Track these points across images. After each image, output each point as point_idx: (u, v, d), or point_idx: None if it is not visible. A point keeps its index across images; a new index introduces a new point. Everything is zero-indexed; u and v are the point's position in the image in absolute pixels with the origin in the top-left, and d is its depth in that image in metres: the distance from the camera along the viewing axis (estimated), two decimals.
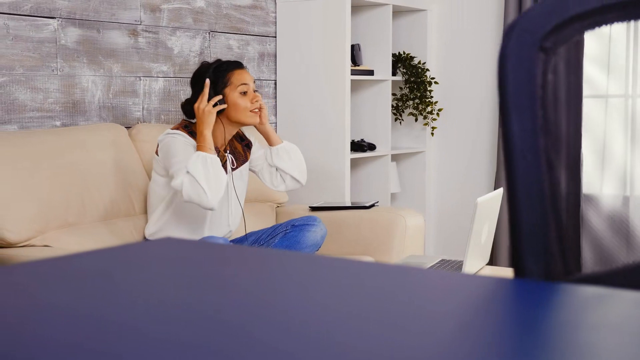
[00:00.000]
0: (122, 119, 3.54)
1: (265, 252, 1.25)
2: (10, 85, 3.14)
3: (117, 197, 3.17)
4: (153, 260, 1.15)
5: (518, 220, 1.04)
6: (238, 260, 1.15)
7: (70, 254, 1.11)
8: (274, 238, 3.20)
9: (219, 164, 2.91)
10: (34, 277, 1.00)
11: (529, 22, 1.08)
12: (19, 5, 3.14)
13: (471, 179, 4.66)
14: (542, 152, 1.07)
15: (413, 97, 4.60)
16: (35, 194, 2.88)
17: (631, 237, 4.15)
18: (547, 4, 1.09)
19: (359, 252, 3.53)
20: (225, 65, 3.08)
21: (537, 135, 1.07)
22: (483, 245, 2.81)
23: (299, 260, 1.15)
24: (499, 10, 4.49)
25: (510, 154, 1.05)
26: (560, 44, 1.12)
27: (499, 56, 1.08)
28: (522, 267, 1.03)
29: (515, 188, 1.04)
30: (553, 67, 1.09)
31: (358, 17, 4.43)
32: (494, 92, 4.56)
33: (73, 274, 1.03)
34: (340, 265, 1.10)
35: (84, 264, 1.08)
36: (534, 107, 1.07)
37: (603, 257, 4.15)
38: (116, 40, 3.51)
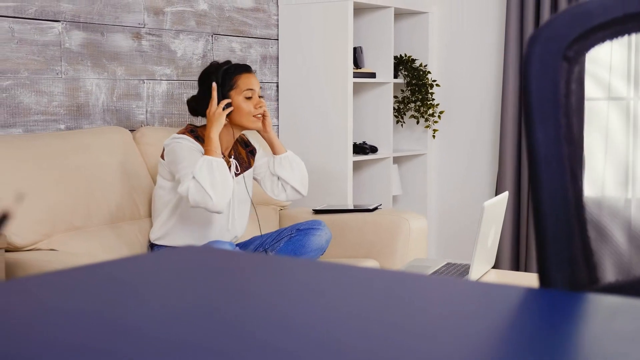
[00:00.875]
0: (125, 122, 3.54)
1: (283, 261, 1.25)
2: (15, 88, 3.13)
3: (122, 201, 3.17)
4: (174, 269, 1.15)
5: (543, 229, 1.04)
6: (257, 268, 1.15)
7: (92, 264, 1.11)
8: (279, 242, 3.21)
9: (224, 167, 2.91)
10: (57, 286, 1.00)
11: (553, 31, 1.09)
12: (23, 8, 3.14)
13: (472, 181, 4.67)
14: (566, 160, 1.07)
15: (414, 100, 4.60)
16: (41, 197, 2.88)
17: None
18: (572, 12, 1.09)
19: (363, 255, 3.53)
20: (233, 68, 3.09)
21: (561, 144, 1.07)
22: (489, 249, 2.81)
23: (316, 268, 1.15)
24: (500, 12, 4.50)
25: (535, 162, 1.06)
26: (582, 52, 1.12)
27: (523, 64, 1.08)
28: (548, 276, 1.04)
29: (540, 196, 1.04)
30: (577, 77, 1.09)
31: (360, 19, 4.44)
32: (495, 94, 4.57)
33: (97, 283, 1.03)
34: (365, 276, 1.10)
35: (108, 273, 1.08)
36: (558, 115, 1.08)
37: (621, 266, 4.15)
38: (120, 44, 3.51)
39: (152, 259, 1.22)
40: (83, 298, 0.93)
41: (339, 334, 0.81)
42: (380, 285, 1.05)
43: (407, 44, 4.69)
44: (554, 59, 1.07)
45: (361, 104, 4.50)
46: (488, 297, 0.99)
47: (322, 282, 1.07)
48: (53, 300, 0.92)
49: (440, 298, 1.00)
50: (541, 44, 1.08)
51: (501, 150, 4.35)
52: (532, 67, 1.07)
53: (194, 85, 3.81)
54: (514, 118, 4.33)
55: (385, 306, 0.94)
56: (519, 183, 4.36)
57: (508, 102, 4.32)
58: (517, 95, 4.33)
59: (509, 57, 4.30)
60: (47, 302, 0.91)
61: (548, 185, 1.04)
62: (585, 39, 1.09)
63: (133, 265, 1.16)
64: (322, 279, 1.08)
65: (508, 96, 4.32)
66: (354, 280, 1.08)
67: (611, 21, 1.11)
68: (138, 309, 0.88)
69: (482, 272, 2.82)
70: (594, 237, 1.07)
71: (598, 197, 1.06)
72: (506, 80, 4.31)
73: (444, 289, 1.03)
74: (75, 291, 0.98)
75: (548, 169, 1.04)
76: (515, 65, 4.31)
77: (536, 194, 1.04)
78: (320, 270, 1.15)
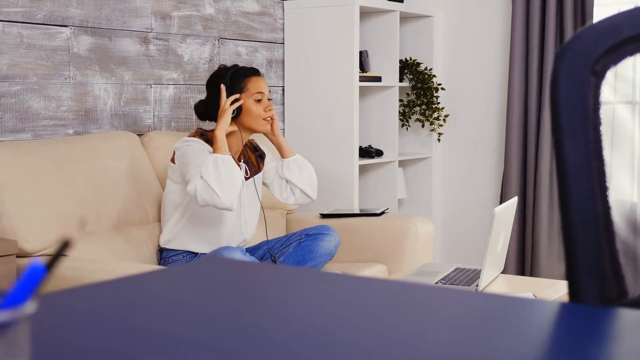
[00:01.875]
0: (133, 127, 3.54)
1: (307, 272, 1.25)
2: (24, 93, 3.14)
3: (130, 206, 3.17)
4: (205, 280, 1.16)
5: (572, 243, 1.05)
6: (285, 280, 1.16)
7: (123, 277, 1.12)
8: (288, 247, 3.21)
9: (231, 164, 2.91)
10: (94, 299, 1.00)
11: (581, 45, 1.09)
12: (32, 14, 3.14)
13: (477, 185, 4.68)
14: (595, 174, 1.07)
15: (420, 103, 4.61)
16: (50, 203, 2.88)
17: None
18: (599, 27, 1.10)
19: (370, 259, 3.54)
20: (242, 71, 3.10)
21: (590, 158, 1.07)
22: (499, 254, 2.82)
23: (335, 280, 1.15)
24: (505, 15, 4.50)
25: (564, 176, 1.06)
26: (609, 67, 1.13)
27: (552, 78, 1.08)
28: (578, 289, 1.04)
29: (570, 210, 1.05)
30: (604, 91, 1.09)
31: (365, 23, 4.44)
32: (500, 98, 4.57)
33: (130, 295, 1.04)
34: (394, 289, 1.10)
35: (141, 286, 1.09)
36: (587, 130, 1.08)
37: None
38: (127, 48, 3.51)
39: (178, 271, 1.23)
40: (118, 310, 0.94)
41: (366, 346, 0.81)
42: (410, 298, 1.05)
43: (412, 47, 4.69)
44: (582, 74, 1.07)
45: (367, 108, 4.50)
46: (521, 312, 1.00)
47: (346, 294, 1.07)
48: (87, 312, 0.92)
49: (471, 312, 1.00)
50: (569, 59, 1.08)
51: (506, 154, 4.36)
52: (561, 81, 1.08)
53: (201, 89, 3.81)
54: (520, 122, 4.34)
55: (420, 320, 0.95)
56: (525, 187, 4.37)
57: (513, 105, 4.32)
58: (522, 98, 4.34)
59: (514, 60, 4.30)
60: (83, 313, 0.91)
61: (577, 200, 1.04)
62: (613, 53, 1.09)
63: (160, 278, 1.17)
64: (346, 292, 1.08)
65: (513, 100, 4.32)
66: (384, 294, 1.08)
67: (639, 35, 1.11)
68: (170, 319, 0.89)
69: (492, 278, 2.83)
70: (622, 251, 1.07)
71: (625, 210, 1.07)
72: (511, 84, 4.32)
73: (473, 302, 1.04)
74: (109, 303, 0.98)
75: (577, 183, 1.05)
76: (520, 69, 4.31)
77: (566, 208, 1.05)
78: (345, 283, 1.15)
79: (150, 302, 1.02)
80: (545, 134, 4.23)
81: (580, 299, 1.04)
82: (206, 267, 1.26)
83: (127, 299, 1.02)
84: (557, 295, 2.68)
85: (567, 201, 1.05)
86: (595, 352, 0.85)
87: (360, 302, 1.04)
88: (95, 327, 0.87)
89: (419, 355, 0.81)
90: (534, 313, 0.99)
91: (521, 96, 4.33)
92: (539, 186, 4.25)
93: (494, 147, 4.61)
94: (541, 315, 0.99)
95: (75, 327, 0.87)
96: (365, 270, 3.36)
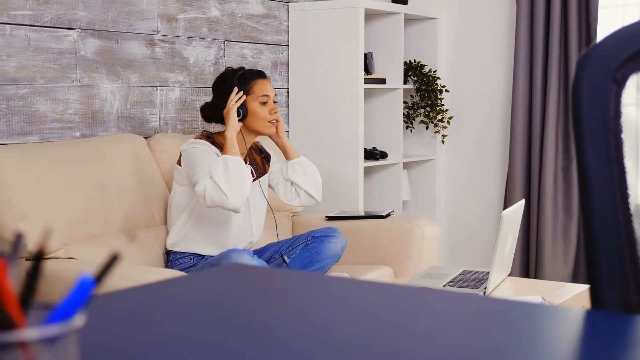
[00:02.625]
0: (139, 129, 3.55)
1: (335, 281, 1.26)
2: (31, 96, 3.14)
3: (138, 208, 3.18)
4: (228, 286, 1.16)
5: (595, 250, 1.05)
6: (311, 287, 1.16)
7: (149, 284, 1.12)
8: (295, 249, 3.22)
9: (241, 165, 2.92)
10: (123, 305, 1.01)
11: (601, 54, 1.10)
12: (39, 16, 3.15)
13: (481, 187, 4.68)
14: (616, 182, 1.08)
15: (424, 105, 4.62)
16: (59, 206, 2.89)
17: None
18: (619, 35, 1.10)
19: (377, 261, 3.54)
20: (249, 74, 3.11)
21: (611, 166, 1.08)
22: (506, 257, 2.83)
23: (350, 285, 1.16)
24: (509, 17, 4.51)
25: (586, 184, 1.07)
26: (630, 75, 1.14)
27: (573, 85, 1.09)
28: (600, 297, 1.05)
29: (592, 218, 1.05)
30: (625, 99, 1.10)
31: (370, 25, 4.45)
32: (504, 100, 4.58)
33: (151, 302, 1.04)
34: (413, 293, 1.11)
35: (164, 292, 1.10)
36: (608, 138, 1.09)
37: None
38: (134, 51, 3.52)
39: (199, 278, 1.24)
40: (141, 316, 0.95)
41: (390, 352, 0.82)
42: (433, 305, 1.06)
43: (416, 49, 4.70)
44: (603, 82, 1.08)
45: (371, 110, 4.51)
46: (543, 319, 1.00)
47: (362, 300, 1.08)
48: (130, 320, 0.93)
49: (494, 319, 1.01)
50: (590, 68, 1.09)
51: (511, 156, 4.36)
52: (582, 90, 1.08)
53: (207, 92, 3.82)
54: (524, 124, 4.34)
55: (435, 325, 0.95)
56: (529, 189, 4.38)
57: (518, 107, 4.33)
58: (526, 100, 4.34)
59: (518, 62, 4.31)
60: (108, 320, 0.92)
61: (599, 208, 1.05)
62: (634, 61, 1.10)
63: (181, 285, 1.17)
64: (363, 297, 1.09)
65: (518, 102, 4.33)
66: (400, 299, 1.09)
67: None
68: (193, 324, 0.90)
69: (500, 280, 2.84)
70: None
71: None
72: (516, 86, 4.33)
73: (497, 309, 1.04)
74: (131, 310, 0.99)
75: (599, 191, 1.05)
76: (525, 71, 4.32)
77: (588, 216, 1.06)
78: (361, 289, 1.16)
79: (173, 308, 1.02)
80: (549, 135, 4.23)
81: (602, 306, 1.04)
82: (226, 274, 1.26)
83: (149, 306, 1.03)
84: (564, 298, 2.69)
85: (589, 208, 1.06)
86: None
87: (376, 308, 1.05)
88: (119, 333, 0.88)
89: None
90: (558, 320, 1.00)
91: (525, 98, 4.34)
92: (544, 188, 4.25)
93: (498, 149, 4.62)
94: (565, 322, 1.00)
95: (102, 333, 0.88)
96: (371, 272, 3.37)
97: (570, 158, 4.25)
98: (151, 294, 1.10)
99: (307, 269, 3.12)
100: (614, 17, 4.22)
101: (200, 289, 1.16)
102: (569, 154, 4.25)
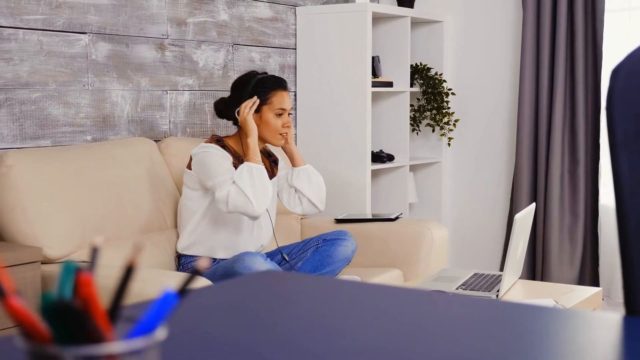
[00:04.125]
0: (149, 133, 3.56)
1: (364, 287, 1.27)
2: (43, 100, 3.16)
3: (150, 212, 3.19)
4: (263, 293, 1.18)
5: (629, 258, 1.07)
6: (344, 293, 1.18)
7: None
8: (306, 252, 3.23)
9: (264, 173, 2.97)
10: None
11: (634, 64, 1.11)
12: (52, 21, 3.16)
13: (487, 190, 4.70)
14: None
15: (430, 108, 4.64)
16: (72, 210, 2.90)
17: None
18: None
19: (386, 264, 3.56)
20: (270, 82, 3.12)
21: None
22: (518, 260, 2.85)
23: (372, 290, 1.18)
24: (516, 20, 4.53)
25: (621, 192, 1.08)
26: None
27: (607, 97, 1.11)
28: (634, 303, 1.06)
29: (627, 226, 1.07)
30: None
31: (376, 29, 4.47)
32: (510, 103, 4.60)
33: (197, 307, 1.06)
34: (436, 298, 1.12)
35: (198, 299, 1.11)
36: None
37: None
38: (144, 55, 3.53)
39: (249, 282, 1.25)
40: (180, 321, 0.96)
41: None
42: (454, 309, 1.07)
43: (422, 52, 4.72)
44: (636, 93, 1.10)
45: (378, 113, 4.53)
46: (581, 325, 1.02)
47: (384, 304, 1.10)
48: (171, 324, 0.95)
49: (528, 326, 1.03)
50: (623, 79, 1.11)
51: (517, 159, 4.38)
52: (615, 101, 1.10)
53: (216, 95, 3.83)
54: (530, 126, 4.36)
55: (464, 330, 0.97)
56: (535, 192, 4.40)
57: (524, 110, 4.35)
58: (532, 103, 4.36)
59: (525, 65, 4.33)
60: None
61: (634, 216, 1.07)
62: None
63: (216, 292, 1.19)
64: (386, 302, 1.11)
65: (524, 104, 4.35)
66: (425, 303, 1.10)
67: None
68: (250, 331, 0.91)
69: (511, 283, 2.85)
70: None
71: None
72: (522, 88, 4.34)
73: (530, 316, 1.06)
74: (187, 315, 1.00)
75: (634, 199, 1.07)
76: (531, 73, 4.34)
77: (622, 223, 1.07)
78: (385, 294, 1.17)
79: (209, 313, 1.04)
80: (556, 138, 4.25)
81: (636, 312, 1.06)
82: (257, 280, 1.28)
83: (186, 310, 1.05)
84: (576, 301, 2.71)
85: (623, 215, 1.07)
86: None
87: (397, 312, 1.07)
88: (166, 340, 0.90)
89: None
90: (595, 325, 1.01)
91: (532, 100, 4.36)
92: (550, 191, 4.27)
93: (503, 152, 4.64)
94: (603, 327, 1.02)
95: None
96: (381, 275, 3.38)
97: (577, 160, 4.26)
98: (188, 300, 1.12)
99: (318, 272, 3.14)
100: (620, 21, 4.24)
101: (235, 294, 1.18)
102: (575, 156, 4.27)
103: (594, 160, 4.27)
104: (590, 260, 4.30)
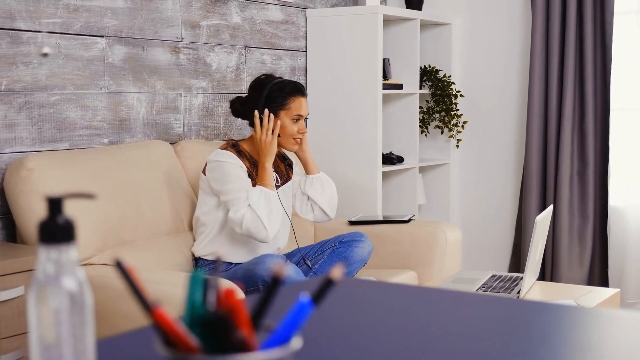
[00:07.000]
0: (164, 135, 3.57)
1: (435, 292, 1.29)
2: (61, 104, 3.16)
3: (167, 214, 3.20)
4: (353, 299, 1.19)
5: None
6: (432, 300, 1.20)
7: None
8: (322, 254, 3.25)
9: (277, 200, 3.02)
10: None
11: None
12: (69, 24, 3.17)
13: (496, 191, 4.72)
14: None
15: (439, 110, 4.66)
16: (92, 212, 2.91)
17: None
18: None
19: (400, 265, 3.58)
20: (289, 88, 3.12)
21: None
22: (537, 262, 2.87)
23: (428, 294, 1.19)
24: (524, 22, 4.55)
25: None
26: None
27: None
28: None
29: None
30: None
31: (386, 31, 4.48)
32: (519, 104, 4.62)
33: None
34: (478, 301, 1.14)
35: None
36: None
37: None
38: (159, 57, 3.54)
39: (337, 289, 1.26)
40: None
41: None
42: (506, 312, 1.09)
43: (431, 54, 4.74)
44: None
45: (387, 115, 4.54)
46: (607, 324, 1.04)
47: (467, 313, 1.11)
48: None
49: (556, 325, 1.04)
50: None
51: (526, 160, 4.40)
52: None
53: (228, 97, 3.85)
54: (539, 128, 4.38)
55: (524, 336, 0.98)
56: (544, 193, 4.42)
57: (533, 112, 4.37)
58: (542, 104, 4.38)
59: (534, 67, 4.35)
60: None
61: None
62: None
63: None
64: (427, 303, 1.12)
65: (533, 106, 4.37)
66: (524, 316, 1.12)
67: None
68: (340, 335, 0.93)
69: (530, 284, 2.87)
70: None
71: None
72: (532, 90, 4.36)
73: (557, 315, 1.08)
74: None
75: None
76: (540, 75, 4.36)
77: None
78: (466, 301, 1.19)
79: None
80: (565, 139, 4.28)
81: None
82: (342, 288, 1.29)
83: None
84: (597, 302, 2.73)
85: None
86: None
87: (435, 313, 1.08)
88: None
89: None
90: (620, 325, 1.03)
91: (541, 102, 4.38)
92: (560, 192, 4.29)
93: (512, 154, 4.66)
94: (630, 326, 1.03)
95: None
96: (396, 277, 3.40)
97: (586, 162, 4.29)
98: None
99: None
100: (629, 23, 4.27)
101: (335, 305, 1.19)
102: (584, 158, 4.29)
103: (603, 161, 4.29)
104: (599, 262, 4.33)
